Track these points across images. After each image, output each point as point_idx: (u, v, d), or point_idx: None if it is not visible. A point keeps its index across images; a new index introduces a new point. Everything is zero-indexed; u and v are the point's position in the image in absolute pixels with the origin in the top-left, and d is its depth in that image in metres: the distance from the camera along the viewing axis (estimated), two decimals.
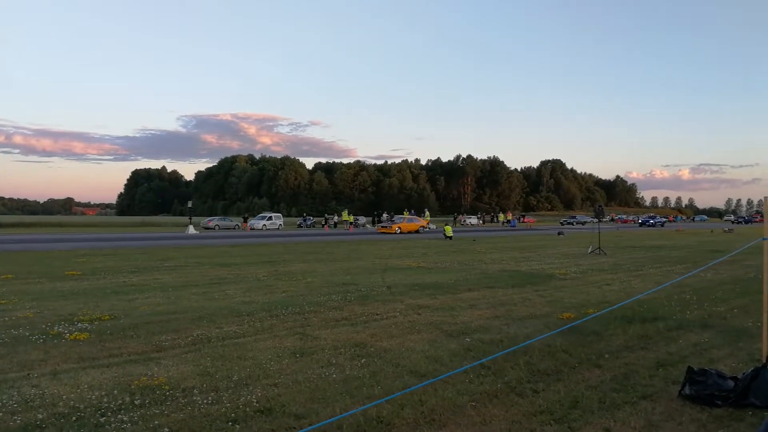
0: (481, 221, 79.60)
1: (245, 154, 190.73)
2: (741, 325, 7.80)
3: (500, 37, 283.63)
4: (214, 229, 53.15)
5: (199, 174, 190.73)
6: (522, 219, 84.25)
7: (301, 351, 6.26)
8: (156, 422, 4.19)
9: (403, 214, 58.62)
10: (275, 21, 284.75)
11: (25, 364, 5.69)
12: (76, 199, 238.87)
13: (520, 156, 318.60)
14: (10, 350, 6.24)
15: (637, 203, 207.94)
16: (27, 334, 7.02)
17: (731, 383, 4.72)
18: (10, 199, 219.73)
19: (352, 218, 60.98)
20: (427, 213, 62.65)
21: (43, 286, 11.39)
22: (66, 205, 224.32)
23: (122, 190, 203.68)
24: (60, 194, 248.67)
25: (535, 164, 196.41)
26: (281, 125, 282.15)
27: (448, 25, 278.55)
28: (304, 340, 6.82)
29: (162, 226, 60.58)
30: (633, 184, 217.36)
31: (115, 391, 4.85)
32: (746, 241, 29.55)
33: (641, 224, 73.24)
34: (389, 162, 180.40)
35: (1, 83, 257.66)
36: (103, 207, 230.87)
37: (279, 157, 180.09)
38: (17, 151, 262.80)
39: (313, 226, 61.87)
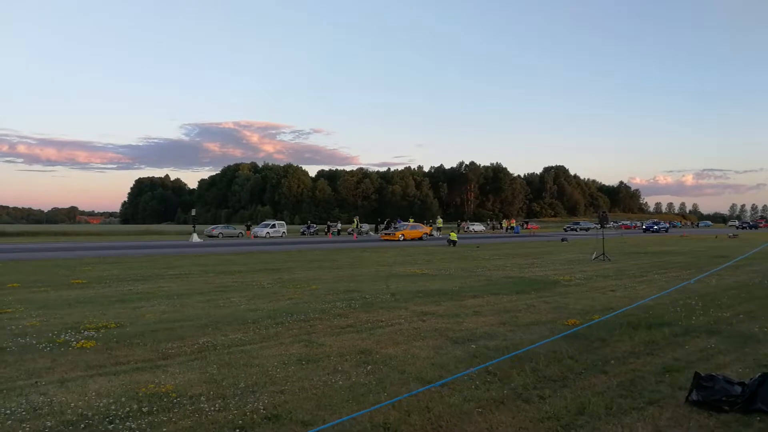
0: (491, 228, 79.78)
1: (248, 162, 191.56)
2: (747, 331, 7.78)
3: (502, 44, 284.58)
4: (217, 237, 53.20)
5: (202, 182, 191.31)
6: (525, 225, 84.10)
7: (306, 358, 6.27)
8: (164, 429, 4.20)
9: (407, 221, 58.55)
10: (277, 29, 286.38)
11: (32, 372, 5.71)
12: (80, 208, 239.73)
13: (523, 162, 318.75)
14: (18, 358, 6.27)
15: (641, 209, 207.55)
16: (34, 342, 7.05)
17: (739, 389, 4.71)
18: (15, 209, 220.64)
19: (355, 225, 60.97)
20: (440, 220, 62.43)
21: (49, 295, 11.43)
22: (70, 214, 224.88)
23: (126, 199, 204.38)
24: (64, 203, 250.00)
25: (538, 170, 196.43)
26: (283, 133, 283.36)
27: (449, 32, 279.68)
28: (309, 347, 6.83)
29: (166, 235, 60.67)
30: (637, 190, 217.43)
31: (123, 399, 4.86)
32: (751, 246, 29.46)
33: (645, 230, 73.14)
34: (392, 169, 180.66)
35: (4, 93, 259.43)
36: (107, 216, 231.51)
37: (282, 164, 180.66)
38: (21, 160, 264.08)
39: (317, 234, 61.86)
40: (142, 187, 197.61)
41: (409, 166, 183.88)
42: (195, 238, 43.52)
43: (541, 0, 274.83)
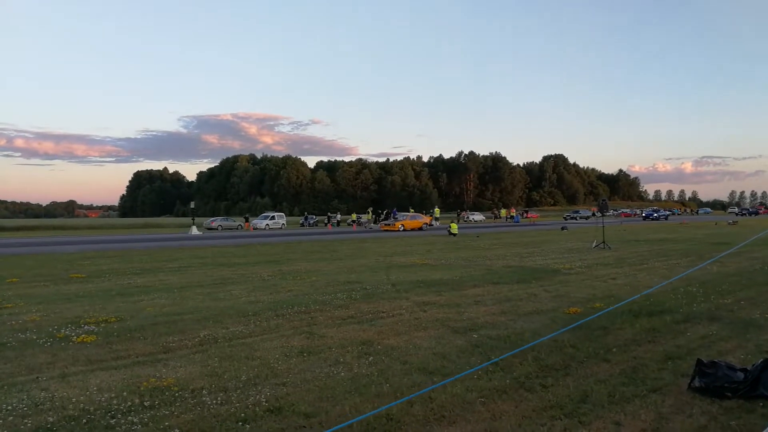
0: (493, 217, 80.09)
1: (246, 153, 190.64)
2: (749, 317, 7.78)
3: (500, 33, 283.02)
4: (217, 229, 53.09)
5: (201, 175, 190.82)
6: (525, 214, 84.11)
7: (308, 350, 6.26)
8: (166, 423, 4.19)
9: (408, 211, 58.48)
10: (274, 20, 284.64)
11: (33, 368, 5.70)
12: (79, 202, 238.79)
13: (522, 151, 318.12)
14: (18, 354, 6.26)
15: (641, 197, 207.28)
16: (34, 337, 7.03)
17: (741, 375, 4.70)
18: (13, 203, 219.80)
19: (354, 216, 60.87)
20: (437, 210, 62.41)
21: (49, 290, 11.41)
22: (68, 208, 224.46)
23: (124, 192, 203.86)
24: (62, 197, 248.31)
25: (538, 159, 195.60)
26: (282, 124, 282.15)
27: (447, 21, 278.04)
28: (311, 338, 6.82)
29: (165, 228, 60.65)
30: (636, 178, 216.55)
31: (125, 393, 4.85)
32: (751, 233, 29.48)
33: (645, 218, 73.15)
34: (391, 159, 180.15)
35: (1, 86, 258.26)
36: (106, 209, 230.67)
37: (280, 156, 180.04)
38: (18, 154, 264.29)
39: (316, 225, 61.85)
40: (140, 180, 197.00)
41: (409, 157, 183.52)
42: (194, 230, 43.49)
43: None
